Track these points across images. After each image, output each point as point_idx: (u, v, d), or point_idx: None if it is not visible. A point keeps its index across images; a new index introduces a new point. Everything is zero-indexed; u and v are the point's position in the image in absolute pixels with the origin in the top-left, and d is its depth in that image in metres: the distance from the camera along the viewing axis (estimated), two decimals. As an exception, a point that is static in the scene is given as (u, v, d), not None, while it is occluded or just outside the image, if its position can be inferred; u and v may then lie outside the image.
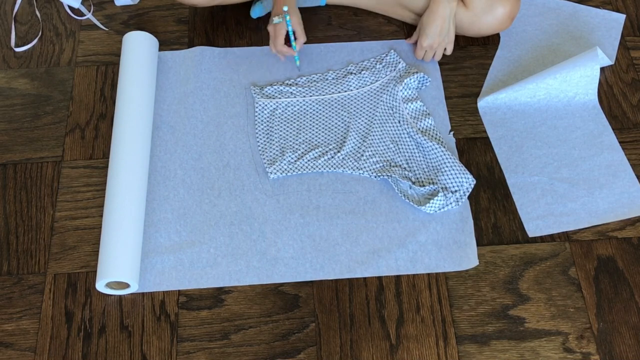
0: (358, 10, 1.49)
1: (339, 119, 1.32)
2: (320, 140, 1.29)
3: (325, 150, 1.27)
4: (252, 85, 1.35)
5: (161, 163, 1.26)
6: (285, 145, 1.28)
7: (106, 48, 1.43)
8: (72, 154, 1.28)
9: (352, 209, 1.21)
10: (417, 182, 1.23)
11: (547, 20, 1.47)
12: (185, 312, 1.12)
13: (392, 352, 1.08)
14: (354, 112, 1.33)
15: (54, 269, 1.16)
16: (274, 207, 1.21)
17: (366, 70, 1.37)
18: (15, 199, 1.23)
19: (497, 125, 1.31)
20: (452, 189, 1.20)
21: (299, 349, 1.08)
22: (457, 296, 1.13)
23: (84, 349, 1.08)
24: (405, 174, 1.23)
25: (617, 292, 1.13)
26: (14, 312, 1.12)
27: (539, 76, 1.32)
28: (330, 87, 1.36)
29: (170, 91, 1.35)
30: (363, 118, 1.32)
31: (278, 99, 1.33)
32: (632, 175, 1.25)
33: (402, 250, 1.16)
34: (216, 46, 1.42)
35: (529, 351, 1.08)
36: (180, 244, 1.17)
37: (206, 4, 1.41)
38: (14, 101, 1.35)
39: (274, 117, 1.31)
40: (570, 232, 1.19)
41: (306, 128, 1.31)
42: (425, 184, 1.22)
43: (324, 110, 1.33)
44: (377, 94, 1.34)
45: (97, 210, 1.21)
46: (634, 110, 1.34)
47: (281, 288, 1.14)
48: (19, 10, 1.49)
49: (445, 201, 1.19)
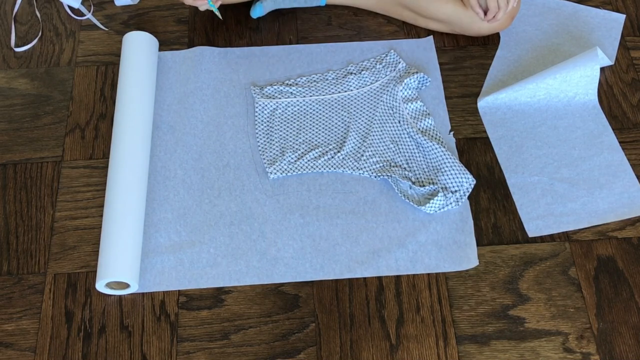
0: (358, 10, 1.49)
1: (339, 119, 1.32)
2: (320, 141, 1.29)
3: (325, 151, 1.27)
4: (252, 85, 1.35)
5: (161, 163, 1.26)
6: (285, 145, 1.28)
7: (106, 48, 1.43)
8: (72, 154, 1.28)
9: (352, 209, 1.21)
10: (417, 182, 1.23)
11: (547, 20, 1.47)
12: (185, 312, 1.12)
13: (392, 352, 1.08)
14: (354, 112, 1.33)
15: (54, 269, 1.16)
16: (274, 207, 1.21)
17: (366, 70, 1.37)
18: (15, 199, 1.23)
19: (497, 125, 1.31)
20: (452, 189, 1.20)
21: (299, 349, 1.08)
22: (457, 296, 1.13)
23: (84, 349, 1.08)
24: (405, 174, 1.23)
25: (617, 292, 1.13)
26: (14, 312, 1.12)
27: (539, 76, 1.32)
28: (330, 87, 1.36)
29: (170, 91, 1.35)
30: (363, 118, 1.32)
31: (278, 99, 1.33)
32: (632, 175, 1.25)
33: (402, 250, 1.16)
34: (216, 46, 1.42)
35: (529, 351, 1.08)
36: (180, 244, 1.17)
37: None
38: (14, 101, 1.35)
39: (274, 117, 1.31)
40: (570, 232, 1.19)
41: (306, 128, 1.31)
42: (425, 184, 1.22)
43: (324, 110, 1.33)
44: (377, 94, 1.34)
45: (97, 210, 1.21)
46: (634, 110, 1.34)
47: (281, 288, 1.14)
48: (19, 10, 1.49)
49: (445, 201, 1.19)
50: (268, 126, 1.30)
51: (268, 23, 1.47)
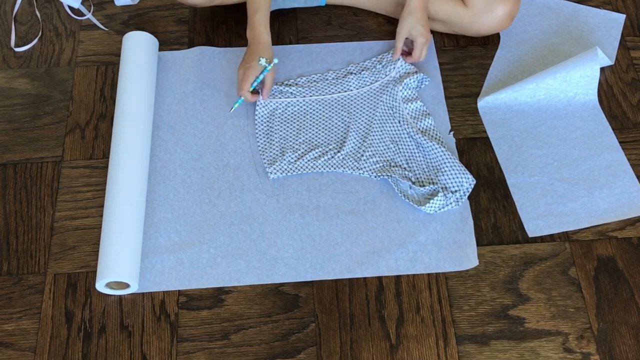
0: (358, 10, 1.49)
1: (339, 119, 1.32)
2: (320, 141, 1.29)
3: (325, 150, 1.27)
4: None
5: (161, 163, 1.26)
6: (285, 145, 1.28)
7: (106, 48, 1.43)
8: (72, 154, 1.28)
9: (352, 209, 1.21)
10: (417, 182, 1.23)
11: (547, 20, 1.47)
12: (185, 312, 1.12)
13: (392, 352, 1.08)
14: (354, 112, 1.33)
15: (54, 269, 1.16)
16: (273, 207, 1.21)
17: (366, 70, 1.37)
18: (15, 199, 1.23)
19: (497, 125, 1.31)
20: (452, 189, 1.20)
21: (299, 349, 1.08)
22: (457, 296, 1.13)
23: (84, 349, 1.08)
24: (405, 174, 1.23)
25: (617, 292, 1.13)
26: (14, 312, 1.12)
27: (539, 76, 1.32)
28: (330, 87, 1.36)
29: (170, 91, 1.35)
30: (363, 118, 1.32)
31: (278, 99, 1.33)
32: (632, 175, 1.25)
33: (402, 250, 1.16)
34: (216, 46, 1.42)
35: (529, 351, 1.07)
36: (180, 244, 1.17)
37: (206, 4, 1.41)
38: (14, 101, 1.35)
39: (274, 117, 1.31)
40: (570, 232, 1.19)
41: (306, 128, 1.31)
42: (425, 184, 1.22)
43: (324, 110, 1.33)
44: (377, 94, 1.34)
45: (97, 210, 1.21)
46: (634, 110, 1.34)
47: (281, 288, 1.14)
48: (19, 10, 1.49)
49: (445, 201, 1.19)
50: (268, 126, 1.30)
51: (268, 23, 1.47)
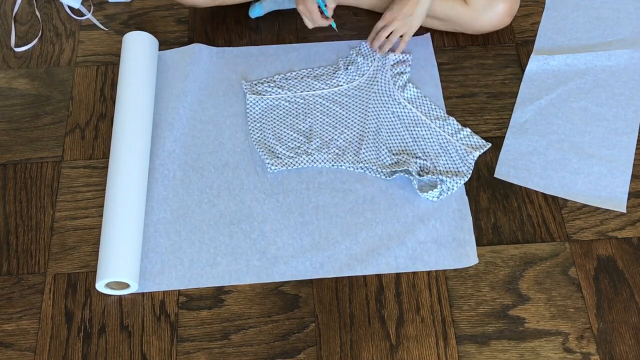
0: (358, 10, 1.49)
1: (332, 114, 1.32)
2: (316, 135, 1.29)
3: (322, 144, 1.27)
4: (243, 81, 1.35)
5: (160, 163, 1.26)
6: (280, 139, 1.28)
7: (106, 48, 1.43)
8: (72, 154, 1.28)
9: (352, 207, 1.21)
10: (421, 170, 1.23)
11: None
12: (185, 312, 1.12)
13: (392, 352, 1.08)
14: (347, 106, 1.33)
15: (54, 269, 1.16)
16: (273, 206, 1.21)
17: (351, 64, 1.38)
18: (15, 199, 1.23)
19: (534, 84, 1.35)
20: (454, 170, 1.23)
21: (299, 349, 1.08)
22: (457, 296, 1.13)
23: (84, 349, 1.08)
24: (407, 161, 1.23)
25: (617, 292, 1.13)
26: (14, 312, 1.12)
27: (596, 57, 1.35)
28: (320, 83, 1.36)
29: (169, 91, 1.35)
30: (356, 112, 1.32)
31: (269, 94, 1.33)
32: (627, 179, 1.23)
33: (401, 248, 1.16)
34: (216, 46, 1.42)
35: (529, 351, 1.07)
36: (180, 244, 1.17)
37: (206, 4, 1.41)
38: (14, 101, 1.35)
39: (266, 113, 1.31)
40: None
41: (300, 123, 1.31)
42: (427, 173, 1.22)
43: (316, 105, 1.33)
44: (367, 87, 1.35)
45: (97, 210, 1.21)
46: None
47: (281, 288, 1.14)
48: (19, 10, 1.49)
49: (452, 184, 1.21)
50: (260, 121, 1.31)
51: (268, 23, 1.47)
